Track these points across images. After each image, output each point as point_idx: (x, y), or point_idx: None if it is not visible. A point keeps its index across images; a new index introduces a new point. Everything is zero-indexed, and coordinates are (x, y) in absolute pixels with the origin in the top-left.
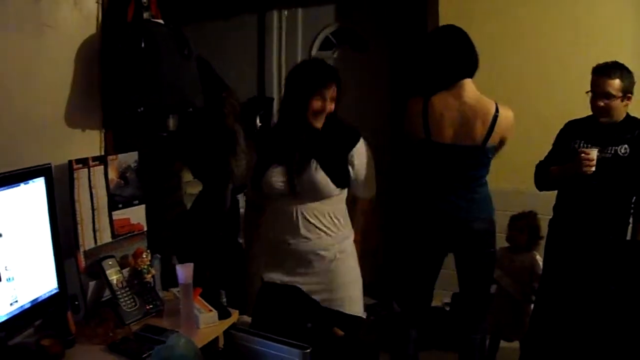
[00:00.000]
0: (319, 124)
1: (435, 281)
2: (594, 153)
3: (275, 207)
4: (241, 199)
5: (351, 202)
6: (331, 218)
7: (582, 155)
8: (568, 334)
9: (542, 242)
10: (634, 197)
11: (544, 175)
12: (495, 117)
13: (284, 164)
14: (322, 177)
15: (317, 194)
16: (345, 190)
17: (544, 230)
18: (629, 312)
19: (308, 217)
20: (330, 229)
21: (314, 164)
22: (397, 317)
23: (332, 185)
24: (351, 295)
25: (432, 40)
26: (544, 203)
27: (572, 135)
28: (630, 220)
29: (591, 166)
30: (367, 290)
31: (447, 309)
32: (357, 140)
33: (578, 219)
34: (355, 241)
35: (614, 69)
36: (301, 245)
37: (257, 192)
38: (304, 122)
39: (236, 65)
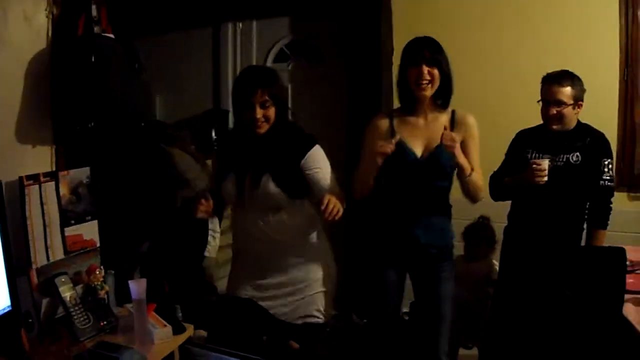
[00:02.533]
0: (260, 130)
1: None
2: (545, 163)
3: (236, 215)
4: None
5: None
6: (290, 227)
7: (534, 166)
8: (524, 340)
9: (498, 247)
10: (587, 203)
11: (498, 186)
12: (454, 112)
13: (236, 175)
14: (272, 189)
15: (269, 204)
16: (304, 202)
17: (499, 234)
18: (584, 318)
19: (265, 224)
20: (288, 239)
21: (265, 176)
22: (357, 328)
23: (283, 196)
24: (315, 300)
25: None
26: (499, 211)
27: (524, 144)
28: (585, 226)
29: (543, 176)
30: None
31: (407, 318)
32: (311, 147)
33: (532, 226)
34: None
35: (564, 77)
36: (261, 251)
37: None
38: (248, 131)
39: (191, 78)
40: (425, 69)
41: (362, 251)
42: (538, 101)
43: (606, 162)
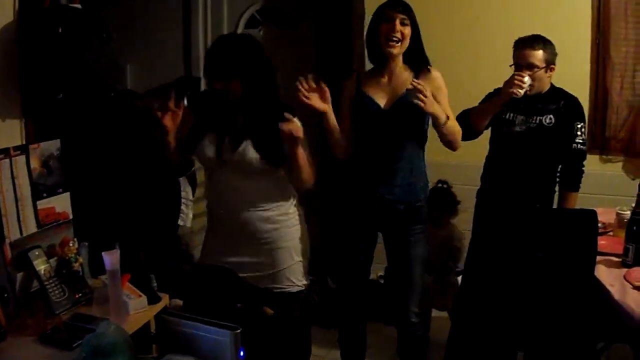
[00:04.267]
0: (231, 98)
1: (372, 255)
2: (526, 76)
3: (211, 180)
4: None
5: None
6: (266, 195)
7: (517, 76)
8: (496, 302)
9: (465, 211)
10: (559, 166)
11: (467, 115)
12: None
13: (216, 134)
14: (252, 155)
15: (247, 170)
16: (280, 170)
17: (465, 197)
18: (556, 280)
19: (241, 190)
20: (263, 206)
21: (245, 141)
22: (334, 293)
23: (262, 163)
24: (291, 267)
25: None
26: (472, 173)
27: None
28: (556, 188)
29: (522, 88)
30: None
31: (382, 281)
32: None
33: (505, 188)
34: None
35: (536, 41)
36: (239, 218)
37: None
38: (221, 99)
39: (162, 46)
40: (398, 26)
41: (337, 216)
42: (510, 65)
43: (579, 126)
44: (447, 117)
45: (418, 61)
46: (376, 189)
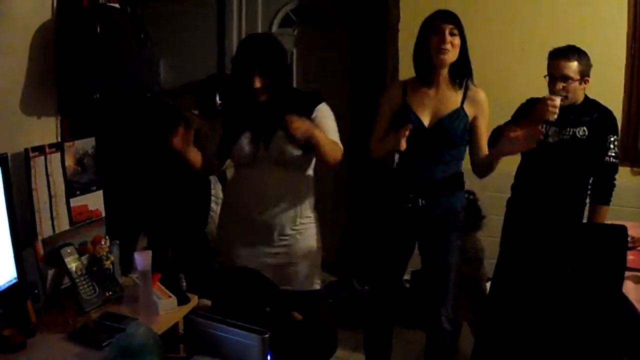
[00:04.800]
0: (259, 98)
1: (407, 263)
2: (558, 100)
3: (241, 173)
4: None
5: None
6: (296, 187)
7: (548, 101)
8: (523, 315)
9: (492, 221)
10: (591, 179)
11: (498, 133)
12: (467, 87)
13: (250, 132)
14: (287, 144)
15: (282, 161)
16: (312, 158)
17: (495, 208)
18: (585, 295)
19: (273, 185)
20: (292, 201)
21: (279, 132)
22: (360, 295)
23: (296, 150)
24: (310, 268)
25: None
26: (500, 181)
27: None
28: (587, 201)
29: (554, 112)
30: (327, 268)
31: (408, 285)
32: (319, 102)
33: (536, 199)
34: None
35: (571, 52)
36: (265, 215)
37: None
38: (250, 99)
39: (197, 43)
40: (448, 36)
41: (364, 217)
42: (545, 76)
43: (612, 139)
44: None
45: (463, 72)
46: (414, 196)
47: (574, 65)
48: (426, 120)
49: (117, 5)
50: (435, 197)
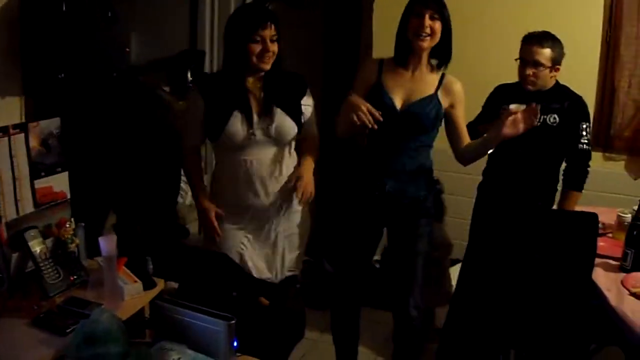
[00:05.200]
0: (266, 66)
1: (375, 248)
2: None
3: (233, 160)
4: None
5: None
6: (287, 167)
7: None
8: (492, 299)
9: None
10: (563, 165)
11: (472, 133)
12: (443, 75)
13: (243, 112)
14: (288, 121)
15: (279, 139)
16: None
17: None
18: (553, 281)
19: (270, 167)
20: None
21: (277, 110)
22: (329, 277)
23: (296, 129)
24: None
25: None
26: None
27: (501, 99)
28: (559, 187)
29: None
30: None
31: (377, 266)
32: (307, 86)
33: (507, 184)
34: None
35: (545, 38)
36: (261, 200)
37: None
38: (250, 67)
39: (168, 19)
40: (428, 21)
41: (340, 205)
42: (516, 59)
43: (584, 126)
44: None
45: (442, 57)
46: (382, 182)
47: (547, 52)
48: (398, 103)
49: None
50: (404, 185)
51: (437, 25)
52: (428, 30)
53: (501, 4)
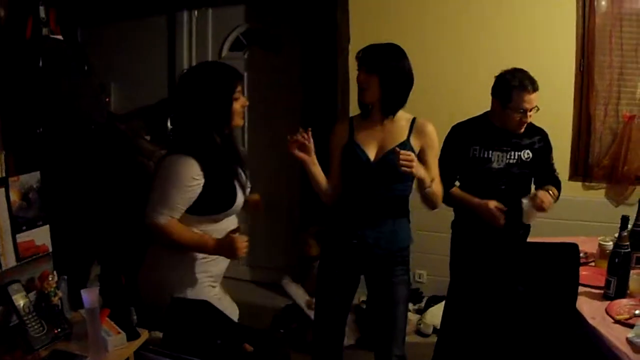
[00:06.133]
0: (242, 121)
1: (353, 296)
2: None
3: (213, 229)
4: None
5: None
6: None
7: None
8: (477, 336)
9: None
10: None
11: (448, 197)
12: (414, 119)
13: (239, 181)
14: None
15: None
16: None
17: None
18: (537, 313)
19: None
20: None
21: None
22: (308, 319)
23: None
24: None
25: None
26: None
27: (466, 140)
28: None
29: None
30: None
31: (364, 306)
32: None
33: (481, 220)
34: None
35: (533, 82)
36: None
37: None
38: (226, 126)
39: (147, 67)
40: (362, 75)
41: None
42: (505, 109)
43: (552, 156)
44: (432, 180)
45: (391, 106)
46: (357, 233)
47: (537, 95)
48: (372, 154)
49: (60, 37)
50: (380, 234)
51: (374, 79)
52: (364, 85)
53: (474, 37)
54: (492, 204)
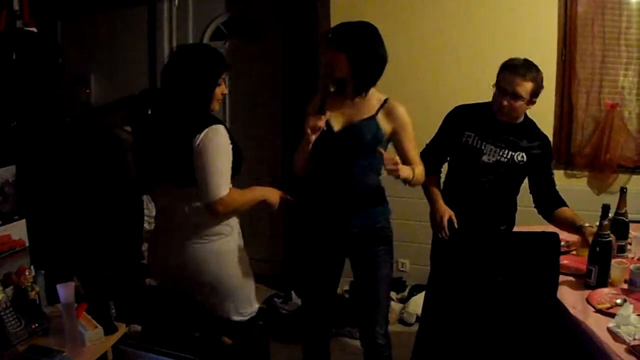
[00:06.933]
0: (218, 107)
1: (339, 278)
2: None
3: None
4: (145, 198)
5: None
6: None
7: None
8: (458, 327)
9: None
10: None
11: (428, 156)
12: (386, 100)
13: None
14: None
15: None
16: None
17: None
18: (518, 303)
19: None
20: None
21: None
22: (297, 309)
23: None
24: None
25: None
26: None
27: (462, 124)
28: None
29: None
30: (267, 280)
31: (347, 296)
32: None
33: (468, 212)
34: None
35: (529, 70)
36: None
37: None
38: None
39: (127, 58)
40: (330, 53)
41: (300, 238)
42: (492, 85)
43: (552, 166)
44: (413, 173)
45: (362, 84)
46: (330, 213)
47: (529, 85)
48: (337, 126)
49: (34, 30)
50: (351, 215)
51: (342, 57)
52: (330, 61)
53: (456, 25)
54: (447, 216)
